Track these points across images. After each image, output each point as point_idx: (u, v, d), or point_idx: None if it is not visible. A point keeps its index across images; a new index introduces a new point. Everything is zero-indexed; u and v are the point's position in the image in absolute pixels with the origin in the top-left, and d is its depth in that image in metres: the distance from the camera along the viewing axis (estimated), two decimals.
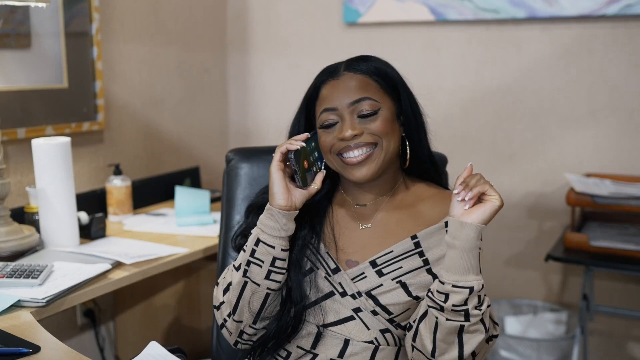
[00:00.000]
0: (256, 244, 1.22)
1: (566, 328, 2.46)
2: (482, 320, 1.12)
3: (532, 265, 2.53)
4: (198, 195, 2.19)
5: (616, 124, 2.35)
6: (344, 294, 1.23)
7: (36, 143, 1.81)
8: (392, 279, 1.22)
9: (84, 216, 1.95)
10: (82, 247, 1.84)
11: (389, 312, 1.21)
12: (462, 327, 1.11)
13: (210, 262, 2.25)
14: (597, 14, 2.28)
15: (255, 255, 1.22)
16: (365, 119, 1.23)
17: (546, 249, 2.29)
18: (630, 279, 2.38)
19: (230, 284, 1.26)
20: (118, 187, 2.16)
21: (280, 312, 1.26)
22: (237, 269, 1.25)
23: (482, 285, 1.11)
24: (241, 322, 1.26)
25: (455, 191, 1.12)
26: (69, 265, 1.64)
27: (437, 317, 1.13)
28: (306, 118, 1.32)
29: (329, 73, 1.29)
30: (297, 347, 1.26)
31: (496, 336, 1.19)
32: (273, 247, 1.21)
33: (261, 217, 1.24)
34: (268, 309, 1.26)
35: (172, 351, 1.46)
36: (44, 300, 1.44)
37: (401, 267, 1.22)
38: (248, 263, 1.23)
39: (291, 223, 1.22)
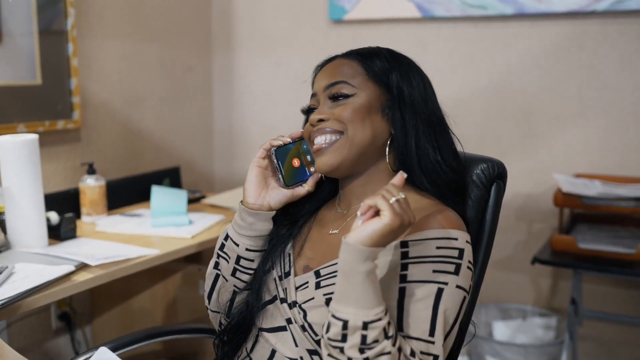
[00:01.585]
0: (225, 239, 1.20)
1: (556, 333, 2.39)
2: None
3: (521, 269, 2.46)
4: (175, 196, 2.13)
5: (607, 123, 2.28)
6: (283, 300, 1.13)
7: (2, 140, 1.74)
8: (323, 295, 1.07)
9: (54, 216, 1.88)
10: (49, 248, 1.78)
11: (314, 332, 1.07)
12: None
13: (188, 264, 2.20)
14: (587, 9, 2.22)
15: (224, 249, 1.20)
16: (337, 103, 1.13)
17: (535, 252, 2.22)
18: (619, 282, 2.32)
19: (206, 274, 1.25)
20: (91, 186, 2.10)
21: (239, 313, 1.21)
22: (212, 259, 1.24)
23: (367, 322, 0.90)
24: (218, 312, 1.24)
25: (362, 203, 0.94)
26: (32, 266, 1.58)
27: (321, 352, 0.98)
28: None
29: (325, 61, 1.22)
30: (245, 348, 1.20)
31: None
32: (237, 245, 1.17)
33: (235, 213, 1.20)
34: (236, 307, 1.22)
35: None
36: None
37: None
38: (218, 256, 1.21)
39: (261, 223, 1.16)
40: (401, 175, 0.97)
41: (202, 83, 2.89)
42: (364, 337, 0.91)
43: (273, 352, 1.12)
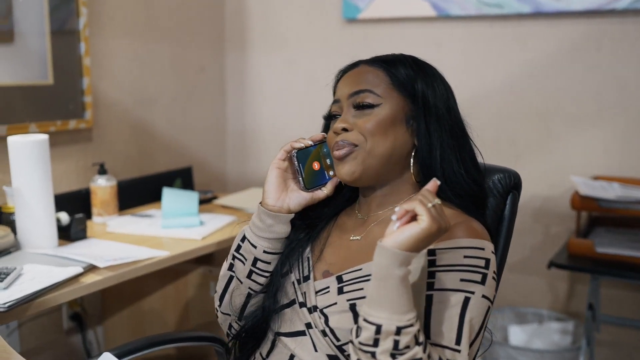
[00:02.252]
0: (242, 240, 1.18)
1: (572, 338, 2.34)
2: None
3: (537, 272, 2.42)
4: (186, 197, 2.11)
5: (625, 124, 2.23)
6: (302, 304, 1.12)
7: (12, 140, 1.73)
8: (347, 300, 1.06)
9: (65, 217, 1.87)
10: (59, 248, 1.77)
11: (336, 337, 1.06)
12: None
13: (199, 265, 2.18)
14: (606, 8, 2.17)
15: (240, 251, 1.18)
16: (362, 112, 1.11)
17: (552, 255, 2.18)
18: (638, 287, 2.26)
19: (219, 276, 1.24)
20: (102, 187, 2.08)
21: (255, 317, 1.19)
22: (226, 260, 1.22)
23: (401, 327, 0.89)
24: (228, 315, 1.23)
25: (396, 208, 0.93)
26: (40, 268, 1.57)
27: (350, 355, 0.96)
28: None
29: (349, 66, 1.20)
30: (260, 353, 1.18)
31: None
32: (255, 247, 1.16)
33: (253, 214, 1.18)
34: (250, 310, 1.20)
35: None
36: (6, 306, 1.36)
37: (361, 290, 1.06)
38: (233, 258, 1.19)
39: (280, 226, 1.15)
40: (434, 182, 0.96)
41: (215, 83, 2.87)
42: (396, 343, 0.90)
43: (292, 356, 1.11)
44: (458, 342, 0.96)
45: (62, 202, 2.01)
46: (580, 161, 2.31)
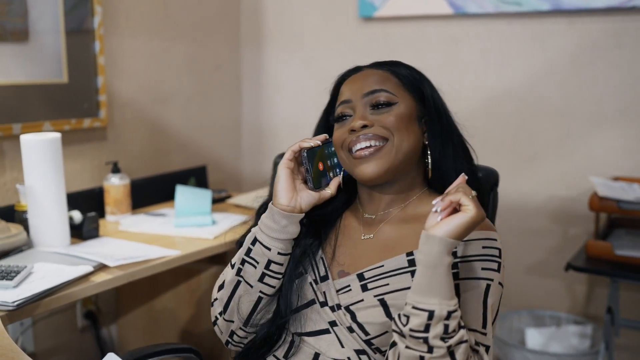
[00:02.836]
0: (253, 243, 1.16)
1: (591, 342, 2.30)
2: (451, 355, 0.95)
3: (555, 275, 2.38)
4: (199, 195, 2.10)
5: None
6: (324, 304, 1.14)
7: (25, 139, 1.74)
8: (375, 296, 1.10)
9: (77, 215, 1.88)
10: (71, 247, 1.77)
11: (365, 332, 1.10)
12: (422, 358, 0.96)
13: (212, 264, 2.17)
14: (628, 5, 2.12)
15: (251, 254, 1.16)
16: (379, 111, 1.15)
17: (570, 257, 2.13)
18: None
19: (225, 281, 1.21)
20: (116, 185, 2.08)
21: (272, 320, 1.18)
22: (233, 266, 1.20)
23: (450, 312, 0.95)
24: (232, 322, 1.20)
25: (434, 201, 0.99)
26: (50, 266, 1.57)
27: (398, 344, 0.99)
28: (328, 120, 1.26)
29: (352, 70, 1.25)
30: (273, 355, 1.18)
31: None
32: (269, 249, 1.14)
33: (263, 216, 1.17)
34: (259, 315, 1.18)
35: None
36: (14, 304, 1.36)
37: (388, 285, 1.10)
38: (243, 262, 1.17)
39: (293, 226, 1.15)
40: (464, 177, 1.04)
41: (231, 81, 2.86)
42: (446, 327, 0.95)
43: (317, 355, 1.12)
44: (484, 325, 1.04)
45: (76, 200, 2.02)
46: (599, 161, 2.26)
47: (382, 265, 1.12)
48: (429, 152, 1.17)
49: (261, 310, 1.18)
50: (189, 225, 1.99)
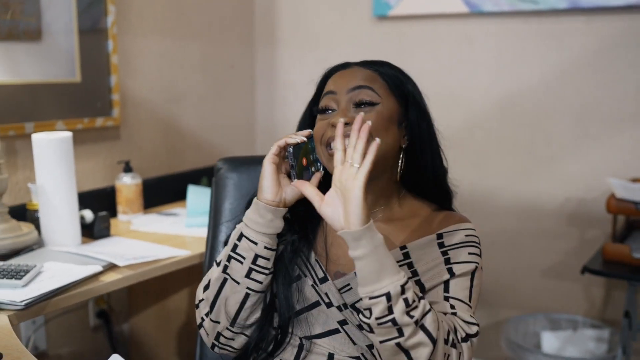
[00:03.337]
0: (239, 239, 1.15)
1: (608, 347, 2.26)
2: (422, 328, 0.97)
3: (572, 277, 2.34)
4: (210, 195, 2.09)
5: None
6: (329, 304, 1.14)
7: (36, 137, 1.74)
8: None
9: (89, 214, 1.88)
10: (82, 246, 1.77)
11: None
12: (398, 344, 0.97)
13: None
14: None
15: (237, 250, 1.14)
16: (361, 109, 1.14)
17: (586, 260, 2.10)
18: None
19: (210, 280, 1.18)
20: (127, 185, 2.08)
21: (262, 320, 1.17)
22: (218, 264, 1.18)
23: (403, 285, 0.97)
24: (218, 322, 1.17)
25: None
26: (59, 266, 1.56)
27: (372, 342, 1.01)
28: (313, 114, 1.24)
29: (340, 65, 1.24)
30: (280, 359, 1.17)
31: (474, 335, 1.05)
32: (256, 244, 1.13)
33: (247, 211, 1.16)
34: (243, 313, 1.16)
35: None
36: (22, 304, 1.36)
37: None
38: (229, 258, 1.15)
39: (278, 220, 1.14)
40: (360, 116, 1.04)
41: (244, 80, 2.85)
42: (405, 300, 0.97)
43: (331, 355, 1.13)
44: (470, 299, 1.11)
45: (88, 199, 2.02)
46: (618, 163, 2.22)
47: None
48: (401, 156, 1.17)
49: (248, 309, 1.16)
50: (199, 225, 1.98)
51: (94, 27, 2.14)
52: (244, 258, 1.14)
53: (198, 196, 2.07)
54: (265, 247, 1.13)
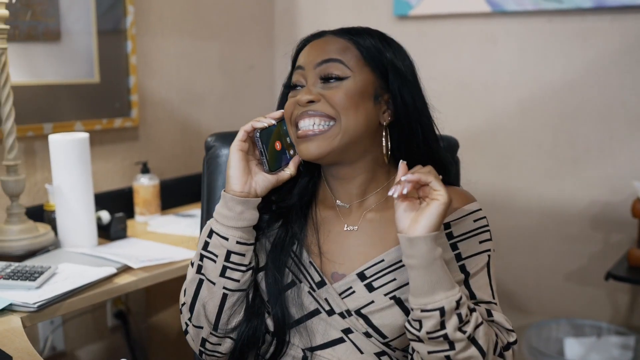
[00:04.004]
0: (209, 236, 1.06)
1: (634, 354, 2.20)
2: (473, 342, 0.94)
3: (596, 283, 2.28)
4: None
5: None
6: (331, 312, 1.05)
7: (53, 139, 1.74)
8: (385, 295, 1.03)
9: (105, 215, 1.87)
10: (98, 248, 1.77)
11: (383, 335, 1.03)
12: (448, 357, 0.94)
13: None
14: None
15: (209, 248, 1.06)
16: (328, 85, 1.04)
17: (611, 265, 2.04)
18: None
19: (186, 282, 1.12)
20: (145, 186, 2.08)
21: (248, 322, 1.09)
22: (192, 265, 1.10)
23: (458, 301, 0.93)
24: (201, 328, 1.09)
25: (390, 192, 0.95)
26: (74, 267, 1.56)
27: (419, 351, 0.96)
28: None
29: (315, 34, 1.13)
30: None
31: (514, 342, 1.02)
32: (226, 239, 1.04)
33: (217, 205, 1.07)
34: (224, 316, 1.07)
35: None
36: (35, 305, 1.35)
37: (395, 280, 1.03)
38: (201, 257, 1.07)
39: (250, 212, 1.05)
40: (404, 164, 0.97)
41: (264, 81, 2.84)
42: (459, 316, 0.93)
43: None
44: (493, 296, 1.06)
45: (106, 200, 2.02)
46: None
47: (383, 260, 1.05)
48: (385, 134, 1.07)
49: (228, 310, 1.07)
50: None
51: (113, 27, 2.14)
52: (216, 256, 1.06)
53: None
54: (238, 242, 1.05)
